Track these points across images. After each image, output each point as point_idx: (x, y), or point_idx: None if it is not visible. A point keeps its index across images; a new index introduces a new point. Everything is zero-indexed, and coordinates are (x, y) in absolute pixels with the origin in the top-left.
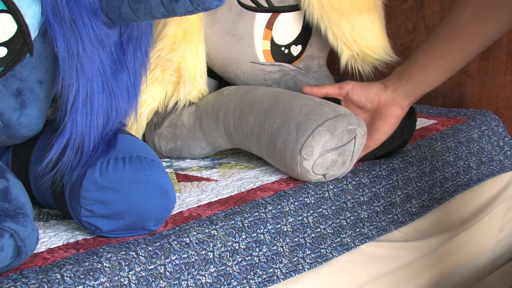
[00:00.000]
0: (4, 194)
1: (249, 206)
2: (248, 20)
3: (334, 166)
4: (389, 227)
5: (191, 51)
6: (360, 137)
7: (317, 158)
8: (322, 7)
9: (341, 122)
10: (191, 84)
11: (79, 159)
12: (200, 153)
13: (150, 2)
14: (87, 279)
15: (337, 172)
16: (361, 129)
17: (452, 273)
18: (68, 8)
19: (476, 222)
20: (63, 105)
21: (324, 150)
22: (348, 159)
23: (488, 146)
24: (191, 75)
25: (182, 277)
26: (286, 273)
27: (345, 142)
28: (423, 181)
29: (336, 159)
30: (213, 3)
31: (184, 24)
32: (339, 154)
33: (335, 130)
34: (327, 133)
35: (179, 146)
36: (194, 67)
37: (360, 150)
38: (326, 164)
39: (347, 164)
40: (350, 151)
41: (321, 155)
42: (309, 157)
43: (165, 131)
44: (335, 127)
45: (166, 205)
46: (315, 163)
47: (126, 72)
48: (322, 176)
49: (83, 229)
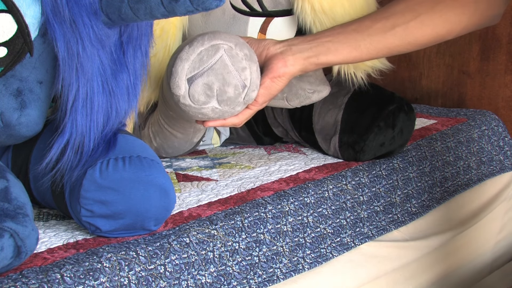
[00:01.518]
0: (4, 194)
1: (249, 206)
2: (241, 24)
3: (216, 90)
4: (389, 227)
5: (164, 49)
6: (230, 50)
7: (189, 89)
8: (314, 13)
9: (194, 44)
10: (156, 82)
11: (79, 159)
12: (179, 144)
13: (150, 2)
14: (87, 279)
15: (230, 94)
16: (227, 42)
17: (452, 273)
18: (68, 8)
19: (476, 222)
20: (63, 105)
21: (190, 79)
22: (231, 77)
23: (488, 146)
24: (158, 73)
25: (182, 277)
26: (286, 273)
27: (208, 61)
28: (423, 181)
29: (209, 82)
30: (213, 3)
31: (162, 23)
32: (210, 75)
33: (190, 55)
34: (181, 61)
35: (159, 143)
36: (164, 66)
37: (246, 65)
38: (202, 91)
39: (232, 82)
40: (226, 68)
41: (191, 84)
42: (179, 91)
43: (147, 131)
44: (188, 51)
45: (166, 205)
46: (190, 94)
47: (126, 72)
48: (215, 105)
49: (83, 229)
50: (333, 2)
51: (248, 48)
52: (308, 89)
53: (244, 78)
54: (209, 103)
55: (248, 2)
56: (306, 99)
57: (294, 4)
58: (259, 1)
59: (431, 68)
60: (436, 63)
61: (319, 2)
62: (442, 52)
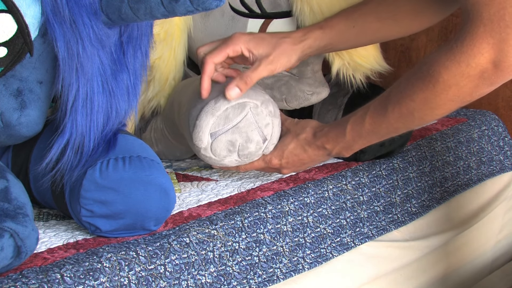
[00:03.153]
0: (4, 194)
1: (249, 206)
2: (240, 26)
3: (239, 146)
4: (389, 227)
5: (169, 51)
6: (255, 107)
7: (211, 143)
8: (313, 15)
9: (220, 101)
10: (161, 84)
11: (79, 159)
12: (181, 153)
13: (150, 2)
14: (87, 279)
15: (251, 149)
16: (253, 100)
17: (452, 273)
18: (68, 8)
19: (476, 222)
20: (63, 105)
21: (213, 134)
22: (254, 134)
23: (488, 146)
24: (163, 75)
25: (182, 277)
26: (286, 273)
27: (234, 119)
28: (423, 181)
29: (233, 139)
30: (213, 3)
31: (166, 26)
32: (235, 133)
33: (216, 111)
34: (205, 116)
35: (160, 149)
36: (169, 68)
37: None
38: (224, 146)
39: (255, 139)
40: (250, 126)
41: (214, 139)
42: (201, 144)
43: (148, 135)
44: (214, 107)
45: (166, 205)
46: (212, 148)
47: (126, 72)
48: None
49: (83, 229)
50: (331, 4)
51: (273, 104)
52: (307, 91)
53: (266, 134)
54: (229, 157)
55: (247, 4)
56: (305, 100)
57: (293, 6)
58: (258, 3)
59: None
60: None
61: (317, 4)
62: None
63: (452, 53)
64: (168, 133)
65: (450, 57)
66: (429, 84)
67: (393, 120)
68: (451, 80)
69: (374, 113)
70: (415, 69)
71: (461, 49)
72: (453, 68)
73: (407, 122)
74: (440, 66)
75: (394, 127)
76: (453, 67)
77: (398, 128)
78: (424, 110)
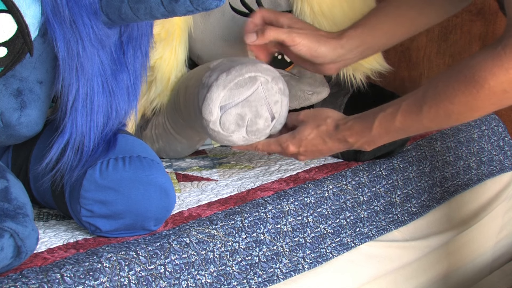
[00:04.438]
0: (4, 194)
1: (249, 206)
2: (241, 26)
3: (248, 121)
4: (389, 226)
5: (170, 51)
6: (266, 83)
7: (221, 117)
8: (314, 15)
9: (232, 73)
10: (163, 84)
11: (79, 159)
12: (182, 148)
13: (150, 2)
14: (87, 279)
15: (260, 125)
16: (264, 75)
17: (452, 273)
18: (68, 8)
19: (476, 222)
20: (63, 105)
21: (223, 107)
22: (263, 109)
23: (488, 146)
24: (164, 75)
25: (182, 277)
26: (286, 273)
27: (245, 93)
28: (423, 181)
29: (243, 113)
30: (213, 3)
31: (167, 25)
32: (245, 106)
33: (227, 83)
34: (217, 88)
35: (161, 146)
36: (170, 68)
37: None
38: (233, 120)
39: (264, 115)
40: (260, 100)
41: (223, 112)
42: (210, 117)
43: (149, 133)
44: (226, 80)
45: (166, 205)
46: (221, 122)
47: (126, 72)
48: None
49: (83, 229)
50: (332, 4)
51: (282, 82)
52: (307, 91)
53: (275, 111)
54: (238, 132)
55: (247, 4)
56: (305, 100)
57: (293, 5)
58: (259, 3)
59: (431, 68)
60: (436, 63)
61: (318, 4)
62: (442, 52)
63: (499, 60)
64: (170, 126)
65: (497, 64)
66: (472, 89)
67: (427, 120)
68: (498, 87)
69: (407, 112)
70: (455, 71)
71: (509, 56)
72: (501, 75)
73: (441, 123)
74: (487, 72)
75: (425, 127)
76: (500, 74)
77: (430, 128)
78: (463, 113)
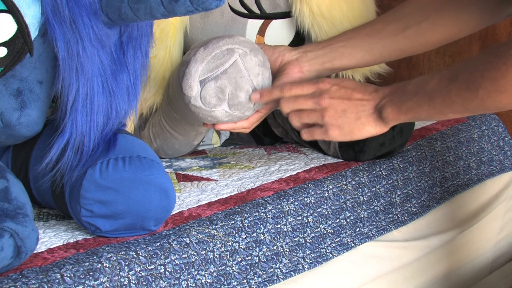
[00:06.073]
0: (4, 194)
1: (249, 206)
2: (240, 26)
3: (228, 94)
4: (389, 226)
5: (164, 50)
6: (244, 55)
7: (201, 91)
8: (313, 16)
9: (210, 47)
10: (157, 84)
11: (79, 159)
12: (180, 145)
13: (150, 2)
14: (87, 279)
15: (241, 98)
16: (242, 47)
17: (452, 272)
18: (68, 8)
19: (476, 222)
20: (63, 105)
21: (202, 81)
22: (244, 81)
23: (488, 146)
24: (158, 75)
25: (182, 277)
26: (286, 273)
27: (223, 65)
28: (423, 181)
29: (222, 85)
30: (213, 3)
31: (162, 25)
32: (223, 78)
33: (204, 57)
34: (195, 63)
35: (159, 144)
36: (164, 67)
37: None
38: (213, 93)
39: (244, 87)
40: (239, 72)
41: (203, 86)
42: (191, 93)
43: (147, 132)
44: (203, 53)
45: (166, 205)
46: (201, 96)
47: (126, 72)
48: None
49: (83, 229)
50: (331, 5)
51: (262, 54)
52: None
53: (256, 84)
54: (220, 106)
55: (246, 4)
56: None
57: (293, 6)
58: (258, 3)
59: (431, 69)
60: (436, 63)
61: (317, 4)
62: (442, 52)
63: None
64: (166, 123)
65: None
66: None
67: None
68: None
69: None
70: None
71: None
72: None
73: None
74: None
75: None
76: None
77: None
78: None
